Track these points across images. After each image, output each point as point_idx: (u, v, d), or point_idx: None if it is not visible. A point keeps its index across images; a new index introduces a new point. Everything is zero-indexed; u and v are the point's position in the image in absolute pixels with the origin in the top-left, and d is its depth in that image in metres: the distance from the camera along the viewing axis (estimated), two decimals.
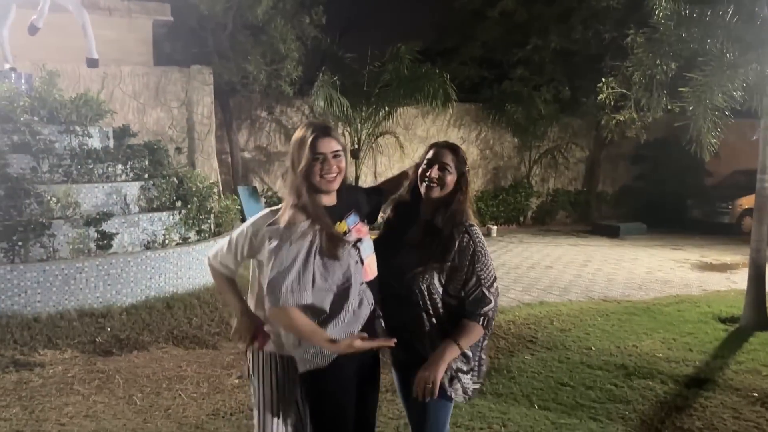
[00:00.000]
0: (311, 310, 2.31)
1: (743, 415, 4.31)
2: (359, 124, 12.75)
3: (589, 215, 16.09)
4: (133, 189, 7.12)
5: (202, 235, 7.48)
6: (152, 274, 6.45)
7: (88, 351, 5.18)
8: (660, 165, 15.74)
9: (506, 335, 6.13)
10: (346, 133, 13.24)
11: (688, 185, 15.39)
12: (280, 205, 2.44)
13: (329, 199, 2.43)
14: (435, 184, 2.59)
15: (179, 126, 11.13)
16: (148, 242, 6.82)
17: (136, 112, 10.80)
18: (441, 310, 2.53)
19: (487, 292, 2.52)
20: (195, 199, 7.35)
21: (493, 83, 14.99)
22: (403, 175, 2.93)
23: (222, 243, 2.63)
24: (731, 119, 6.92)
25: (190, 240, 7.28)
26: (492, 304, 2.54)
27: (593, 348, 5.75)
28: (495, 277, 2.59)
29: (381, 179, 14.09)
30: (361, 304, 2.41)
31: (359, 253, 2.43)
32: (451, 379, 2.53)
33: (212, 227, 7.76)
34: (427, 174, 2.60)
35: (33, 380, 4.50)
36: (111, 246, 6.36)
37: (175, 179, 7.60)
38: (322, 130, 2.38)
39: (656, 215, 15.07)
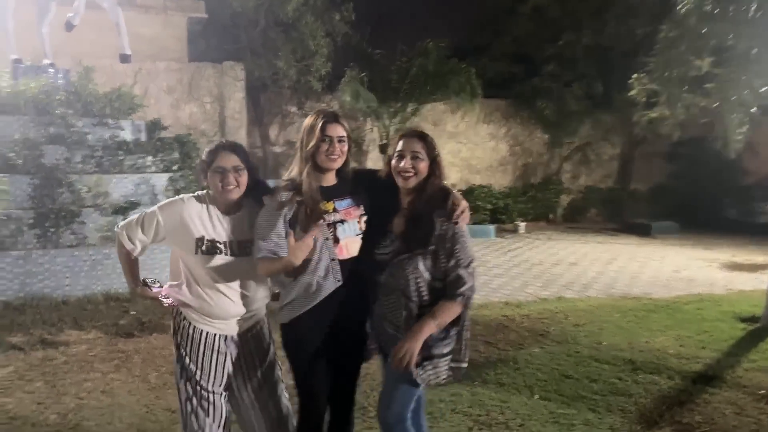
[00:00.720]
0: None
1: (745, 411, 4.29)
2: (387, 120, 12.87)
3: (620, 213, 15.85)
4: (161, 180, 7.40)
5: None
6: None
7: (110, 333, 5.45)
8: (695, 163, 15.40)
9: (518, 328, 6.19)
10: (375, 129, 13.41)
11: (724, 184, 15.04)
12: (194, 194, 2.79)
13: (328, 180, 2.74)
14: (410, 174, 2.70)
15: (211, 121, 11.44)
16: None
17: (170, 107, 11.15)
18: (426, 296, 2.63)
19: (464, 273, 2.60)
20: None
21: (524, 79, 14.92)
22: None
23: (133, 217, 2.83)
24: (762, 116, 6.81)
25: None
26: (469, 284, 2.61)
27: (604, 343, 5.76)
28: (472, 258, 2.68)
29: None
30: (326, 277, 2.66)
31: (334, 231, 2.68)
32: (421, 363, 2.64)
33: None
34: (400, 165, 2.71)
35: (57, 358, 4.77)
36: None
37: None
38: (332, 117, 2.70)
39: (690, 214, 14.79)
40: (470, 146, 15.04)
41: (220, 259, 2.68)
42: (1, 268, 5.75)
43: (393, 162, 2.75)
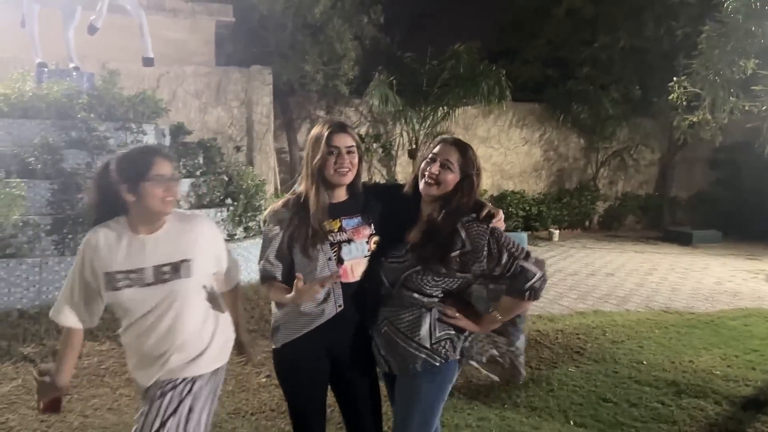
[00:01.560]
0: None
1: None
2: (417, 124, 12.60)
3: (660, 221, 15.28)
4: (183, 186, 7.24)
5: (249, 232, 7.54)
6: None
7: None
8: (739, 169, 14.73)
9: (552, 345, 5.83)
10: (404, 133, 13.13)
11: None
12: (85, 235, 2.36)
13: (338, 195, 2.50)
14: (433, 181, 2.44)
15: (239, 125, 11.31)
16: None
17: (197, 111, 11.05)
18: (435, 297, 2.43)
19: (526, 264, 2.35)
20: (242, 196, 7.40)
21: (558, 82, 14.50)
22: None
23: (61, 294, 2.36)
24: None
25: (236, 237, 7.34)
26: (538, 275, 2.36)
27: (645, 362, 5.38)
28: (526, 249, 2.42)
29: None
30: (326, 301, 2.42)
31: (338, 251, 2.44)
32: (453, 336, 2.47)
33: (260, 225, 7.82)
34: (428, 169, 2.44)
35: None
36: None
37: (225, 177, 7.69)
38: (338, 126, 2.48)
39: (734, 223, 14.14)
40: (502, 151, 14.66)
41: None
42: (17, 275, 5.61)
43: (422, 164, 2.50)
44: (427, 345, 2.43)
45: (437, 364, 2.44)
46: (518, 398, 4.51)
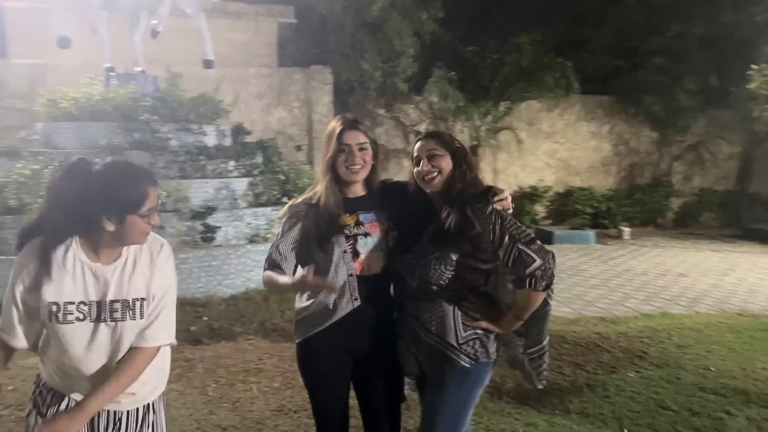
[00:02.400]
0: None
1: None
2: (478, 120, 12.39)
3: (739, 218, 14.41)
4: (241, 185, 7.39)
5: None
6: (252, 267, 6.63)
7: (179, 339, 5.31)
8: None
9: (612, 348, 5.56)
10: (465, 129, 12.95)
11: None
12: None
13: (355, 191, 2.49)
14: (433, 175, 2.41)
15: (299, 125, 11.46)
16: (252, 236, 7.04)
17: (260, 111, 11.27)
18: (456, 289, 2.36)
19: (526, 249, 2.23)
20: (297, 195, 7.46)
21: (629, 73, 13.89)
22: None
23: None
24: None
25: None
26: (538, 262, 2.22)
27: (712, 368, 5.04)
28: (532, 235, 2.30)
29: (501, 176, 13.70)
30: (342, 295, 2.39)
31: (354, 244, 2.43)
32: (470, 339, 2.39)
33: None
34: (421, 169, 2.43)
35: None
36: (214, 239, 6.63)
37: (282, 176, 7.79)
38: (350, 123, 2.46)
39: None
40: (569, 146, 14.22)
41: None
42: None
43: (414, 170, 2.48)
44: (454, 343, 2.36)
45: (467, 365, 2.36)
46: (571, 404, 4.32)
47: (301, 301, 2.51)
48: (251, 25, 11.53)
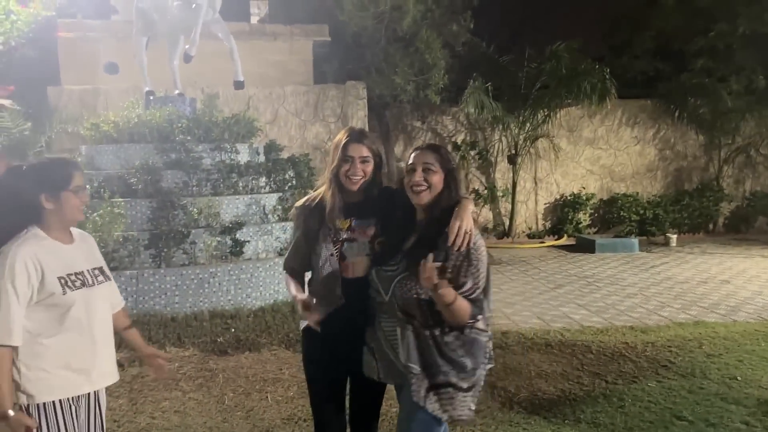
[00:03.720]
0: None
1: None
2: (516, 129, 12.32)
3: None
4: (271, 200, 7.61)
5: None
6: (280, 280, 6.80)
7: (207, 350, 5.61)
8: None
9: (637, 358, 5.47)
10: (503, 138, 12.90)
11: None
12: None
13: (353, 197, 2.66)
14: (422, 188, 2.47)
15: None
16: (281, 249, 7.23)
17: (297, 128, 11.54)
18: (430, 317, 2.40)
19: (483, 298, 2.44)
20: None
21: (671, 76, 13.55)
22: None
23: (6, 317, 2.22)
24: None
25: None
26: (483, 314, 2.46)
27: (739, 378, 4.90)
28: (486, 282, 2.45)
29: (541, 185, 13.55)
30: (331, 294, 2.59)
31: (341, 247, 2.63)
32: (435, 390, 2.40)
33: None
34: (412, 179, 2.48)
35: (148, 375, 4.97)
36: (242, 252, 6.86)
37: (311, 190, 7.96)
38: (356, 137, 2.65)
39: None
40: (612, 152, 13.94)
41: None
42: (117, 286, 6.16)
43: (405, 178, 2.55)
44: (415, 370, 2.43)
45: (417, 402, 2.43)
46: (582, 414, 4.28)
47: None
48: (287, 45, 11.85)
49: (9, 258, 2.21)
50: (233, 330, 6.03)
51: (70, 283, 2.30)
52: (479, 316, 2.40)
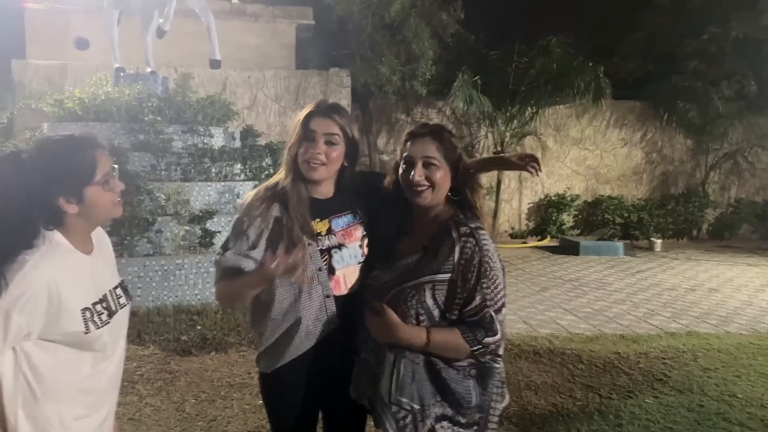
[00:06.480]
0: (259, 303, 2.08)
1: None
2: (503, 125, 11.98)
3: None
4: (246, 188, 7.14)
5: None
6: None
7: (168, 349, 5.16)
8: None
9: (631, 370, 5.13)
10: (489, 135, 12.56)
11: None
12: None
13: (324, 191, 2.11)
14: (423, 188, 1.99)
15: None
16: None
17: (276, 114, 11.07)
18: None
19: (495, 317, 1.89)
20: None
21: (661, 78, 13.30)
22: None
23: None
24: None
25: None
26: (497, 336, 1.90)
27: (739, 395, 4.58)
28: (504, 301, 1.94)
29: (526, 184, 13.25)
30: (319, 319, 2.04)
31: (329, 259, 2.05)
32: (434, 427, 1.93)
33: None
34: (410, 178, 1.99)
35: None
36: (212, 244, 6.39)
37: None
38: (323, 109, 2.06)
39: None
40: (598, 153, 13.69)
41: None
42: None
43: (400, 171, 2.05)
44: (407, 406, 1.95)
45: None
46: (577, 431, 3.93)
47: (265, 325, 2.10)
48: (269, 27, 11.34)
49: (19, 275, 1.54)
50: (199, 327, 5.59)
51: (95, 317, 1.68)
52: (491, 341, 1.90)
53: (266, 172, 7.65)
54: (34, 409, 1.63)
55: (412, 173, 1.98)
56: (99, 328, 1.67)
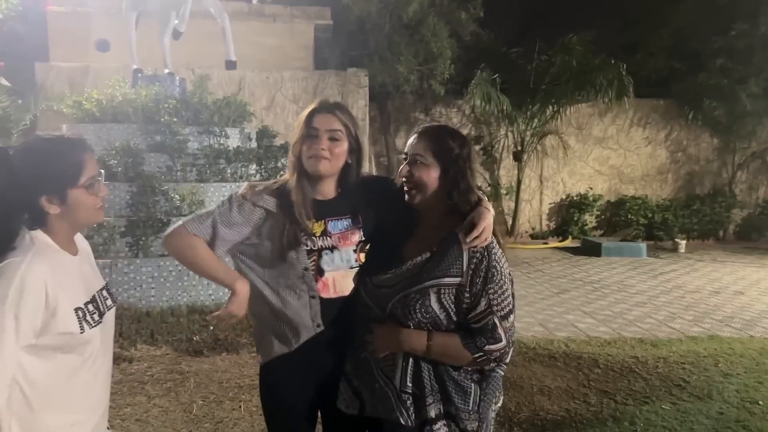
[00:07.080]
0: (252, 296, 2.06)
1: None
2: (522, 124, 11.83)
3: None
4: None
5: None
6: None
7: (180, 349, 5.16)
8: None
9: (649, 375, 5.01)
10: (509, 134, 12.42)
11: None
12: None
13: (325, 191, 2.10)
14: (410, 186, 1.97)
15: None
16: None
17: (294, 115, 11.05)
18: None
19: (499, 324, 1.84)
20: None
21: (687, 76, 13.01)
22: None
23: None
24: None
25: None
26: (502, 344, 1.85)
27: (761, 402, 4.44)
28: (511, 308, 1.88)
29: (547, 184, 13.07)
30: (303, 318, 2.05)
31: (318, 260, 2.05)
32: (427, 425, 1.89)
33: None
34: (398, 177, 1.99)
35: (114, 376, 4.52)
36: None
37: None
38: (326, 106, 2.07)
39: None
40: (621, 152, 13.45)
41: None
42: None
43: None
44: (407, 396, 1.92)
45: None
46: None
47: (259, 320, 2.16)
48: (287, 28, 11.34)
49: (18, 276, 1.54)
50: (211, 328, 5.58)
51: (88, 316, 1.68)
52: (494, 348, 1.85)
53: (281, 173, 7.61)
54: (30, 420, 1.61)
55: (399, 171, 2.00)
56: (92, 327, 1.69)
